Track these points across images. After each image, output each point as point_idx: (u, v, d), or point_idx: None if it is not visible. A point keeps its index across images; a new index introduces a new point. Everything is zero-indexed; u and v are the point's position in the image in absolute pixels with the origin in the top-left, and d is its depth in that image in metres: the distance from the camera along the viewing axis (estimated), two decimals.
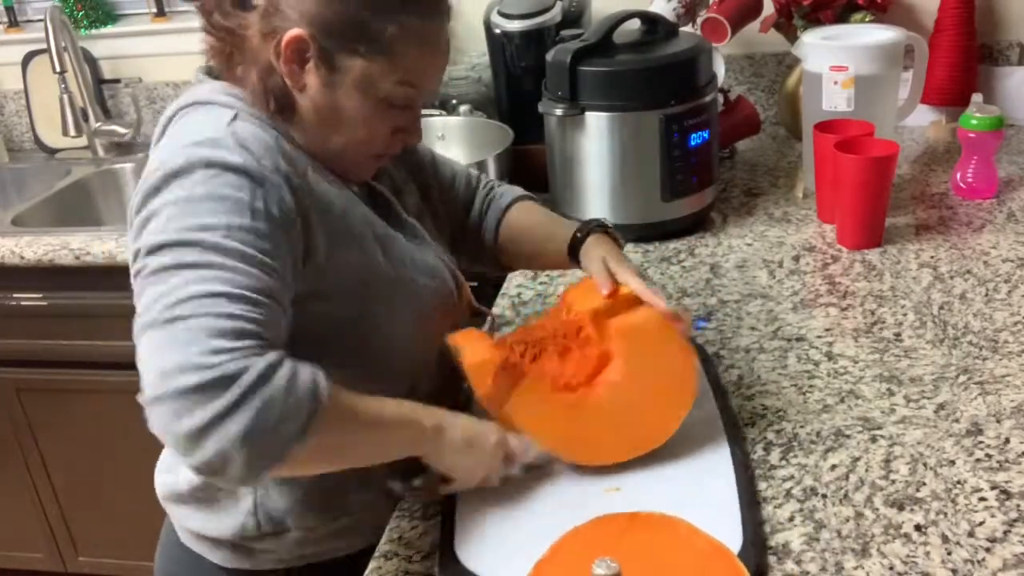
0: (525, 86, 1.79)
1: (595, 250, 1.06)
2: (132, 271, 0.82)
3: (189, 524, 1.04)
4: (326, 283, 0.90)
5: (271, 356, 0.74)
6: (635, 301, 0.99)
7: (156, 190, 0.82)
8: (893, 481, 0.93)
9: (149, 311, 0.75)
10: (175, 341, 0.73)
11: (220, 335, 0.73)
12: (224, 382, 0.71)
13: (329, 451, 0.81)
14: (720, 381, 1.12)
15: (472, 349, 0.96)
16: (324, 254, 0.89)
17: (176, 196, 0.80)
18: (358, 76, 0.89)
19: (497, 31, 1.79)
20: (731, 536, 0.84)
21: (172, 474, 1.05)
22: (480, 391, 0.95)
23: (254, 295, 0.77)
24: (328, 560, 1.03)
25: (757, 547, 0.85)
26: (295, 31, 0.86)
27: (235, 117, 0.88)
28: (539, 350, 0.98)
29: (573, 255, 1.09)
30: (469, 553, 0.87)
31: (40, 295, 1.89)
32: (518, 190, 1.23)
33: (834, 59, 1.55)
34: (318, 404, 0.75)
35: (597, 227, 1.10)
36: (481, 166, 1.61)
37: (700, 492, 0.91)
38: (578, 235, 1.09)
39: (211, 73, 0.97)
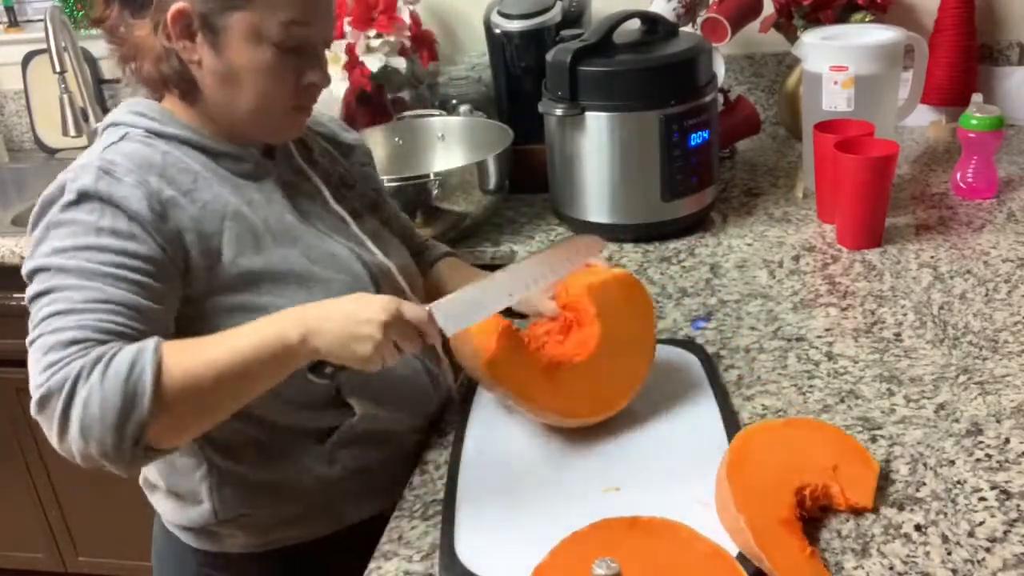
0: (525, 86, 1.79)
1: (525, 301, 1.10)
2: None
3: (162, 510, 1.10)
4: (229, 281, 0.95)
5: (93, 354, 0.82)
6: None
7: (33, 220, 0.93)
8: (893, 481, 0.93)
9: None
10: (31, 363, 0.85)
11: (51, 350, 0.83)
12: (52, 395, 0.82)
13: (190, 408, 0.84)
14: (720, 380, 1.12)
15: (482, 324, 0.99)
16: (223, 255, 0.94)
17: (43, 223, 0.91)
18: (243, 28, 0.93)
19: (497, 31, 1.79)
20: (729, 541, 0.84)
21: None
22: (484, 354, 0.97)
23: (87, 304, 0.85)
24: (292, 545, 1.06)
25: None
26: (175, 6, 0.91)
27: (122, 138, 0.96)
28: (546, 334, 1.05)
29: None
30: (470, 554, 0.87)
31: None
32: (445, 248, 1.30)
33: (834, 59, 1.55)
34: (136, 380, 0.80)
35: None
36: (481, 166, 1.61)
37: (700, 494, 0.91)
38: None
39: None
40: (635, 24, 1.56)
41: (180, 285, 0.93)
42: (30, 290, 0.89)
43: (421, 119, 1.85)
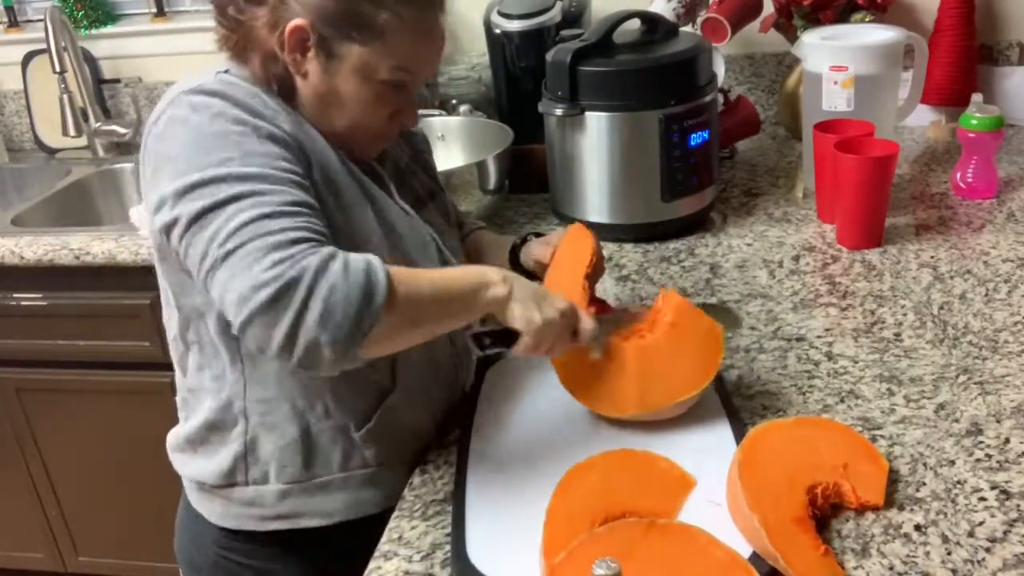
0: (525, 86, 1.79)
1: (528, 252, 1.20)
2: (162, 222, 0.89)
3: (185, 470, 1.11)
4: (336, 217, 0.96)
5: (324, 252, 0.83)
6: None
7: (162, 137, 0.91)
8: (893, 481, 0.93)
9: (206, 257, 0.85)
10: (238, 269, 0.82)
11: (274, 249, 0.82)
12: (291, 286, 0.81)
13: (403, 320, 0.88)
14: (723, 379, 1.12)
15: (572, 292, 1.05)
16: (319, 192, 0.95)
17: (185, 140, 0.89)
18: (356, 62, 0.96)
19: (497, 31, 1.79)
20: (742, 541, 0.84)
21: (180, 424, 1.11)
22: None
23: (289, 207, 0.86)
24: (305, 528, 1.06)
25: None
26: (297, 21, 0.93)
27: (226, 71, 0.98)
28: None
29: (514, 263, 1.22)
30: (482, 557, 0.86)
31: (40, 295, 1.89)
32: (477, 222, 1.35)
33: (834, 59, 1.55)
34: (374, 280, 0.83)
35: (534, 235, 1.24)
36: (481, 166, 1.61)
37: (711, 492, 0.91)
38: (516, 242, 1.23)
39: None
40: (635, 24, 1.56)
41: None
42: (198, 203, 0.85)
43: (421, 119, 1.85)
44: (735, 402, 1.08)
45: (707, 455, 0.97)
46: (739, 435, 1.00)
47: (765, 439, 0.93)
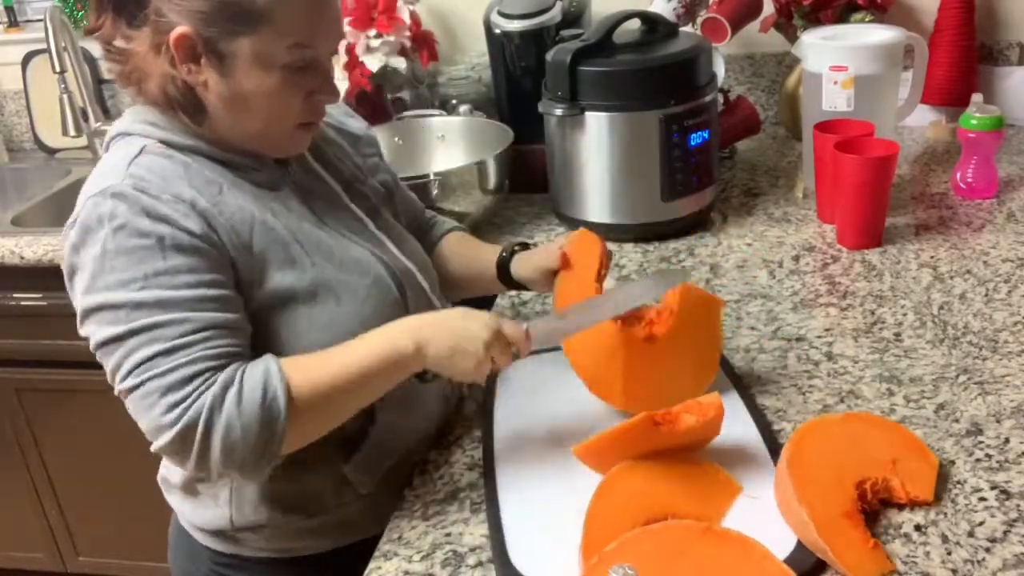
0: (525, 86, 1.79)
1: (527, 261, 1.15)
2: (80, 332, 0.92)
3: (180, 511, 1.11)
4: (265, 298, 0.95)
5: (219, 383, 0.85)
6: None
7: (75, 247, 0.90)
8: None
9: (114, 383, 0.88)
10: (140, 408, 0.86)
11: (168, 391, 0.84)
12: (186, 432, 0.84)
13: (315, 421, 0.90)
14: (736, 374, 1.12)
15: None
16: (244, 273, 0.93)
17: (92, 253, 0.88)
18: (249, 54, 0.90)
19: (497, 31, 1.79)
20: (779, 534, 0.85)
21: (163, 464, 1.11)
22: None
23: (184, 338, 0.86)
24: (305, 556, 1.06)
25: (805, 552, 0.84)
26: (178, 30, 0.89)
27: (141, 151, 0.93)
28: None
29: (502, 274, 1.18)
30: (523, 558, 0.86)
31: (40, 295, 1.89)
32: (454, 222, 1.31)
33: (834, 59, 1.55)
34: (272, 404, 0.85)
35: (520, 245, 1.19)
36: (481, 166, 1.61)
37: (747, 486, 0.92)
38: (503, 254, 1.18)
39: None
40: (635, 24, 1.56)
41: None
42: (100, 331, 0.87)
43: (421, 119, 1.85)
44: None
45: (736, 446, 0.97)
46: (760, 425, 1.00)
47: (813, 434, 0.93)
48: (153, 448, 0.87)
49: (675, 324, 1.03)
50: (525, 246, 1.19)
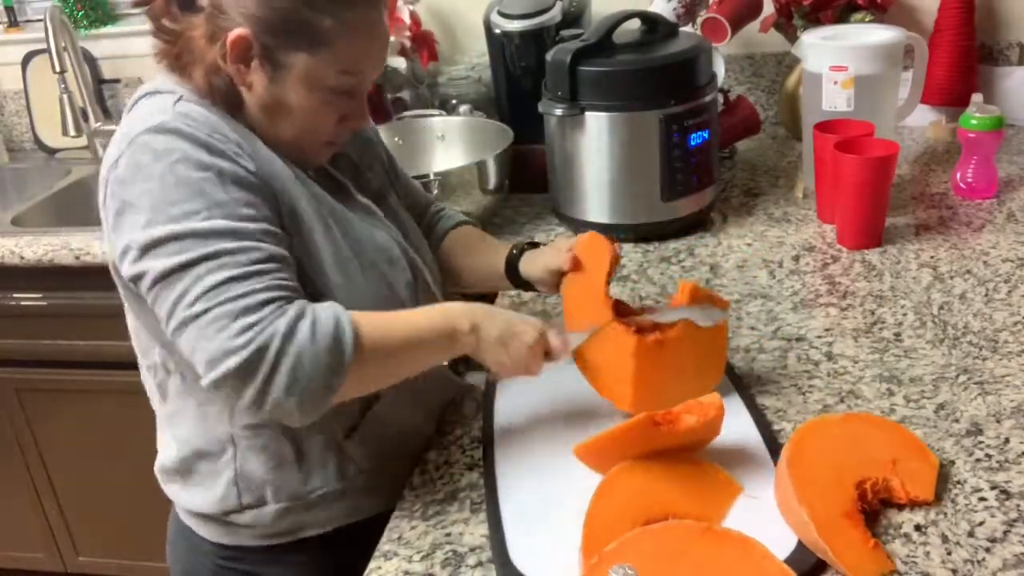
0: (525, 86, 1.79)
1: (535, 260, 1.15)
2: (128, 272, 0.88)
3: (179, 499, 1.10)
4: (296, 245, 0.95)
5: (291, 312, 0.85)
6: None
7: (123, 182, 0.88)
8: None
9: (173, 316, 0.85)
10: (207, 333, 0.83)
11: (242, 314, 0.83)
12: (258, 355, 0.82)
13: (372, 374, 0.91)
14: (736, 373, 1.12)
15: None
16: (285, 222, 0.94)
17: (148, 188, 0.87)
18: (302, 71, 0.93)
19: (497, 31, 1.79)
20: (779, 535, 0.85)
21: (161, 451, 1.10)
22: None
23: (255, 266, 0.86)
24: (309, 536, 1.06)
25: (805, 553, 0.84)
26: (238, 31, 0.90)
27: (179, 99, 0.94)
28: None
29: (511, 272, 1.18)
30: (524, 558, 0.86)
31: (40, 295, 1.89)
32: (462, 215, 1.30)
33: (834, 59, 1.55)
34: (342, 341, 0.85)
35: (529, 244, 1.19)
36: (481, 166, 1.61)
37: (747, 485, 0.92)
38: (513, 252, 1.18)
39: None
40: (635, 24, 1.56)
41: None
42: (164, 262, 0.85)
43: (421, 119, 1.85)
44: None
45: (736, 445, 0.97)
46: (760, 425, 1.00)
47: (813, 434, 0.93)
48: (211, 377, 0.83)
49: (684, 327, 1.03)
50: (535, 245, 1.19)
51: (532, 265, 1.16)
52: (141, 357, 1.05)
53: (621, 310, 1.08)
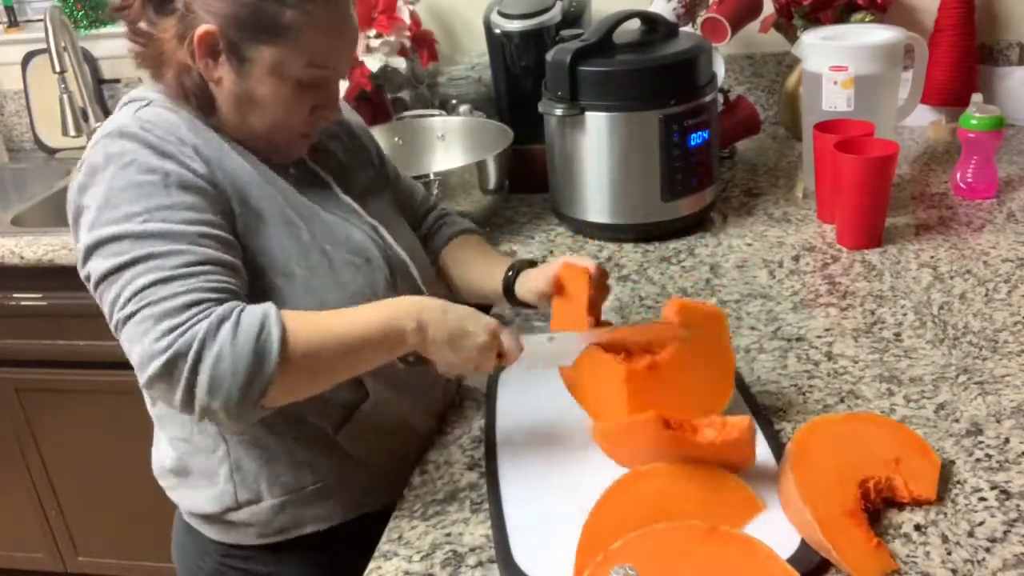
0: (525, 86, 1.79)
1: (526, 283, 1.13)
2: (81, 272, 0.92)
3: (180, 501, 1.11)
4: (255, 247, 0.96)
5: (216, 315, 0.84)
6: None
7: (82, 187, 0.92)
8: None
9: (111, 317, 0.88)
10: (135, 335, 0.85)
11: (164, 317, 0.84)
12: (179, 357, 0.83)
13: (306, 372, 0.88)
14: (738, 373, 1.11)
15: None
16: (240, 224, 0.95)
17: (98, 191, 0.90)
18: (268, 63, 0.95)
19: (497, 31, 1.79)
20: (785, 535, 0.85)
21: (156, 450, 1.12)
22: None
23: (185, 268, 0.86)
24: (309, 535, 1.06)
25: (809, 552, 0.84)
26: (203, 27, 0.93)
27: (149, 103, 0.97)
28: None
29: (508, 293, 1.16)
30: (528, 560, 0.86)
31: (40, 295, 1.89)
32: (467, 222, 1.29)
33: (834, 59, 1.55)
34: (266, 339, 0.84)
35: (526, 263, 1.17)
36: (481, 166, 1.61)
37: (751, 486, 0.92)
38: (509, 273, 1.16)
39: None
40: (635, 24, 1.56)
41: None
42: (103, 263, 0.88)
43: (421, 119, 1.85)
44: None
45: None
46: (763, 423, 1.00)
47: (816, 434, 0.93)
48: (143, 380, 0.85)
49: (678, 347, 0.99)
50: (533, 263, 1.17)
51: (524, 288, 1.14)
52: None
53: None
